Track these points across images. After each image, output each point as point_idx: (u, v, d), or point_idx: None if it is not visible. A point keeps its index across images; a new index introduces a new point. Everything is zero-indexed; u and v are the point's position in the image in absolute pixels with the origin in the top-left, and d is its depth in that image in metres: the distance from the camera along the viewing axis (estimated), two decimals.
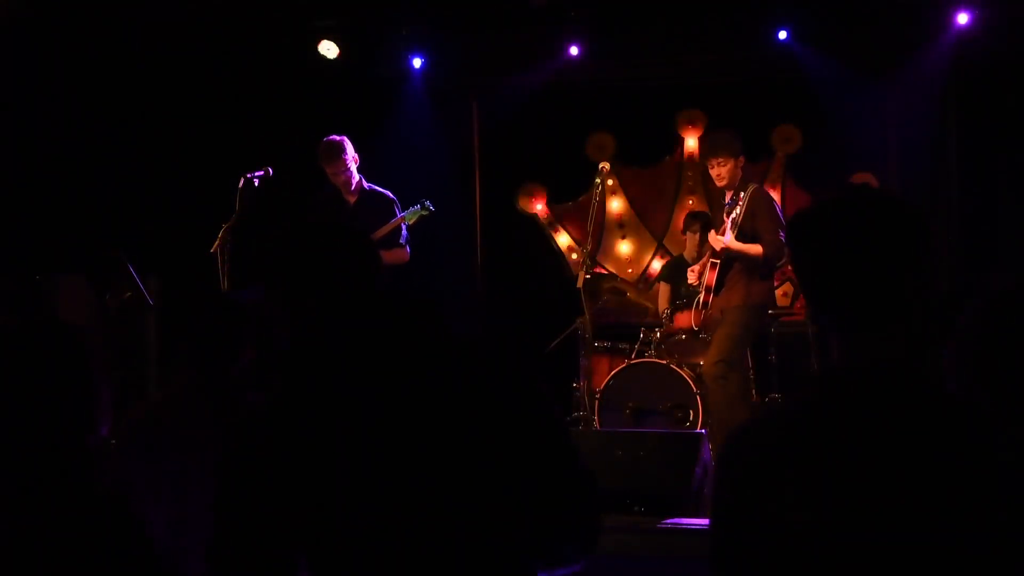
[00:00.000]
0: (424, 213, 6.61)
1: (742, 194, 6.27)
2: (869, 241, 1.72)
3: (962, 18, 7.49)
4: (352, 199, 6.68)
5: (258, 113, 8.03)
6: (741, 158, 6.31)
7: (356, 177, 6.65)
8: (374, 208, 6.64)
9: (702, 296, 6.46)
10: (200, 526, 3.15)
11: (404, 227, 6.58)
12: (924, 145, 7.93)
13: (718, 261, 6.35)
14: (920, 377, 1.70)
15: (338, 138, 6.61)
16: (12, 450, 2.01)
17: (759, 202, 6.28)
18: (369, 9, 8.18)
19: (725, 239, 6.21)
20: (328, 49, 8.11)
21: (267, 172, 6.44)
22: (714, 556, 1.75)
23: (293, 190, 6.98)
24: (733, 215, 6.24)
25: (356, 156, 6.63)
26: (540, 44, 8.17)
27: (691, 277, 6.64)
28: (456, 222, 8.26)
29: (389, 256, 6.42)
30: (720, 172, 6.27)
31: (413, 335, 2.08)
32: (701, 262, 6.53)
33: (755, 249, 6.18)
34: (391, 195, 6.73)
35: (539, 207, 9.07)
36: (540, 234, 9.07)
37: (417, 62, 8.41)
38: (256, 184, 6.33)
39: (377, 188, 6.75)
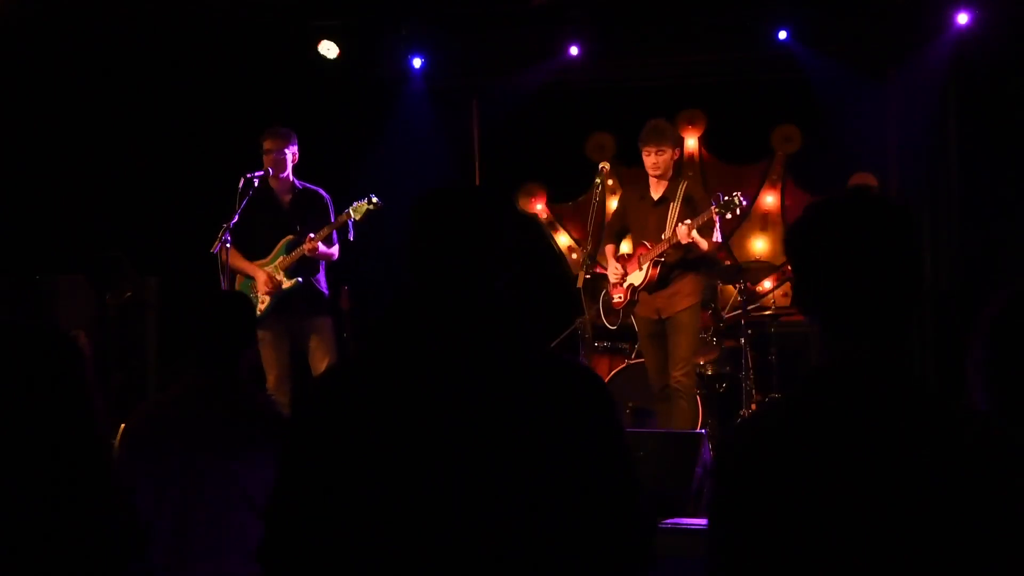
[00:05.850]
0: (371, 207, 6.39)
1: (679, 187, 6.29)
2: (864, 247, 1.73)
3: (962, 18, 7.48)
4: (287, 198, 6.59)
5: (258, 113, 8.02)
6: (678, 150, 6.33)
7: (289, 170, 6.53)
8: (310, 206, 6.56)
9: (637, 285, 6.37)
10: (201, 527, 3.14)
11: (351, 222, 6.46)
12: (924, 145, 7.92)
13: (662, 260, 6.30)
14: (908, 378, 1.71)
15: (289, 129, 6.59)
16: (17, 454, 1.98)
17: (696, 191, 6.31)
18: (369, 9, 8.18)
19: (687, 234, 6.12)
20: (328, 49, 8.10)
21: (267, 172, 6.45)
22: (711, 555, 1.75)
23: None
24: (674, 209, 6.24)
25: (296, 155, 6.54)
26: (540, 44, 8.16)
27: (614, 276, 6.48)
28: None
29: (323, 254, 6.43)
30: (658, 161, 6.25)
31: (502, 341, 1.99)
32: (641, 256, 6.38)
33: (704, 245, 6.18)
34: (325, 194, 6.63)
35: (539, 207, 9.07)
36: (540, 234, 9.07)
37: (417, 62, 8.40)
38: (256, 184, 6.34)
39: (311, 186, 6.66)
